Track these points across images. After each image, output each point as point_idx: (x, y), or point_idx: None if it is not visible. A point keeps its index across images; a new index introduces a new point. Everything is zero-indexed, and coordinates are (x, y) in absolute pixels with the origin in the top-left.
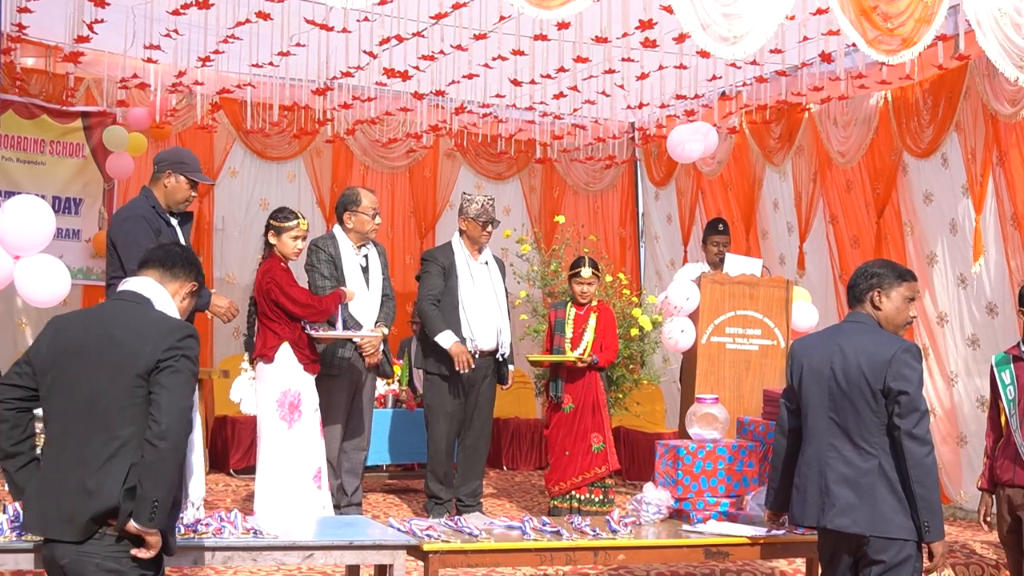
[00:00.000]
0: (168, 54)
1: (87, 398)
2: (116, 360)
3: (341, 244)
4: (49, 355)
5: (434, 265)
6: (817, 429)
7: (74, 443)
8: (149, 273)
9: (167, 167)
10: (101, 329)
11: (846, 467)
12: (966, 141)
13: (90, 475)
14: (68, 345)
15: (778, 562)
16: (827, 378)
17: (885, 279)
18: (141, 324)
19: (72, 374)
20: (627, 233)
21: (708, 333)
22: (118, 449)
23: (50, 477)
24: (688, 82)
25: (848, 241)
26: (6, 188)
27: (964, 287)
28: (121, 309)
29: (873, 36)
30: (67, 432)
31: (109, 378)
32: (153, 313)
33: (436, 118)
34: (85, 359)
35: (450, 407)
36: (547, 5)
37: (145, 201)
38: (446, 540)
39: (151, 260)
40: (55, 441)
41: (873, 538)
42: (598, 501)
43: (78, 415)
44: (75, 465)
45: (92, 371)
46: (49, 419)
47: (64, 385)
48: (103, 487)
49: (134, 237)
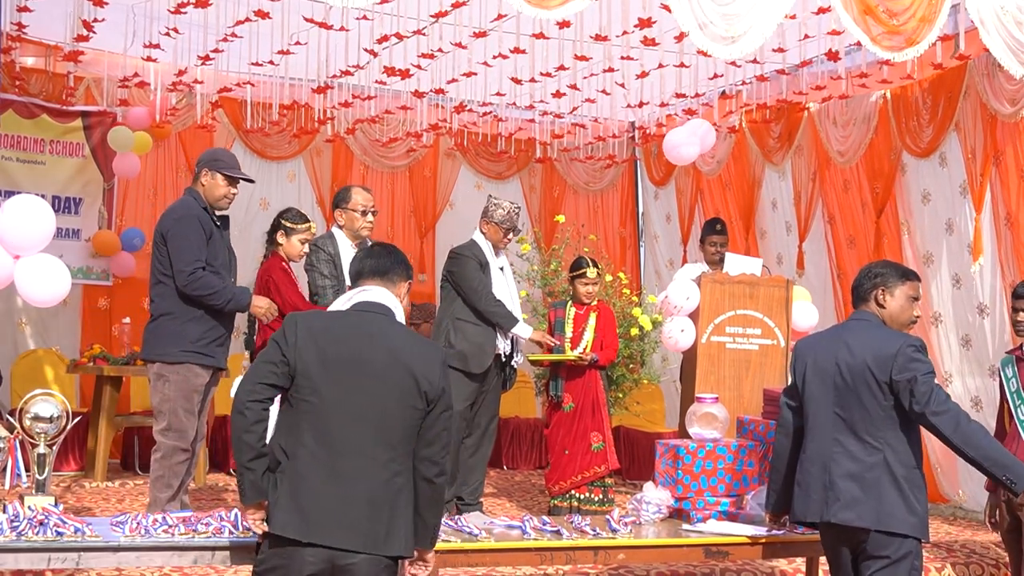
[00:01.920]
0: (168, 53)
1: (374, 413)
2: (403, 383)
3: (340, 243)
4: (317, 359)
5: (472, 261)
6: (821, 425)
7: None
8: (371, 282)
9: (203, 166)
10: (378, 343)
11: (851, 462)
12: (966, 141)
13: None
14: (341, 353)
15: (778, 562)
16: (832, 374)
17: (889, 278)
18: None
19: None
20: (627, 232)
21: (708, 333)
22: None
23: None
24: (688, 81)
25: (846, 241)
26: (6, 188)
27: (958, 287)
28: (387, 325)
29: (877, 33)
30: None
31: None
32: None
33: (436, 117)
34: (365, 371)
35: (460, 406)
36: (546, 5)
37: (195, 202)
38: (446, 540)
39: (366, 272)
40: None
41: (875, 533)
42: (598, 500)
43: (362, 426)
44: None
45: (377, 386)
46: (318, 423)
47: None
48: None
49: (186, 236)
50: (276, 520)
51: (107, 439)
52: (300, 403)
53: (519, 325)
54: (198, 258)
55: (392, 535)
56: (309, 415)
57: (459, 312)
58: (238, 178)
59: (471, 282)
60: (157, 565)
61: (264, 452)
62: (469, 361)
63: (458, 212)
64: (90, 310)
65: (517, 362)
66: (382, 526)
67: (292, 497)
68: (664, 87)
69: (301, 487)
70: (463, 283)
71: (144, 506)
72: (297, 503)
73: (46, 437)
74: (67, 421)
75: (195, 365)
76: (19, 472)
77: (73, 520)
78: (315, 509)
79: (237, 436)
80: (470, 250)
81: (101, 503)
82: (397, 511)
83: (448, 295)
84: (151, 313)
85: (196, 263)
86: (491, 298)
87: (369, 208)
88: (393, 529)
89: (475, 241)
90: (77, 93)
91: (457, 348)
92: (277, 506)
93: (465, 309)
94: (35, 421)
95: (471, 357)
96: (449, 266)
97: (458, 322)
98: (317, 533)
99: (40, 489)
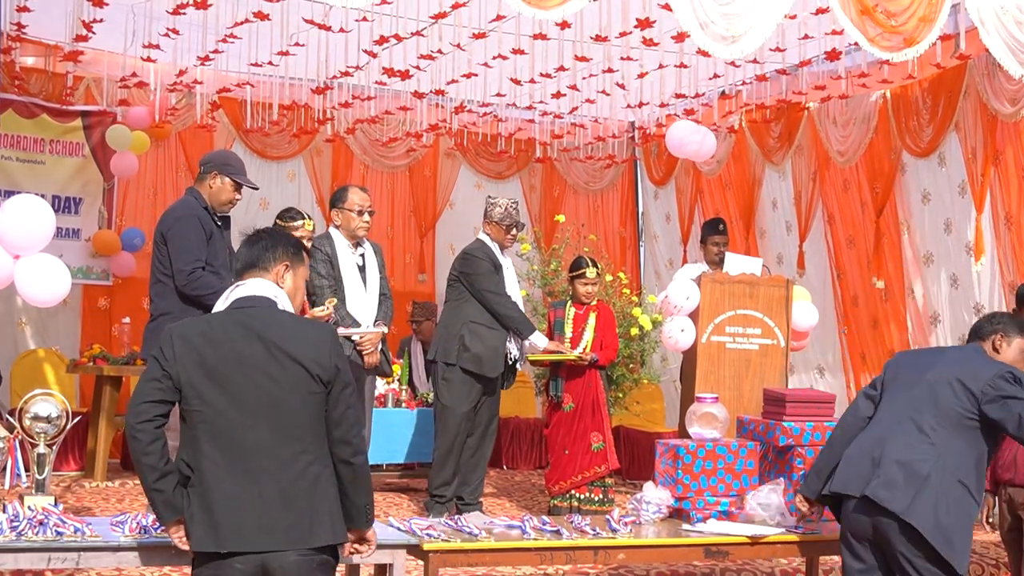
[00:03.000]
0: (167, 53)
1: (269, 408)
2: (292, 371)
3: (337, 243)
4: (197, 367)
5: (486, 263)
6: (891, 413)
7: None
8: (247, 275)
9: (213, 168)
10: (259, 337)
11: (906, 449)
12: (966, 140)
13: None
14: (222, 355)
15: (778, 562)
16: (923, 370)
17: (1010, 328)
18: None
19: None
20: (627, 232)
21: (708, 332)
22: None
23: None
24: (688, 81)
25: (845, 241)
26: (6, 187)
27: (956, 287)
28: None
29: (875, 34)
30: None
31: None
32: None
33: (436, 117)
34: (250, 369)
35: (467, 408)
36: (544, 5)
37: (196, 202)
38: (446, 539)
39: (240, 266)
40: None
41: (902, 523)
42: (598, 500)
43: (259, 424)
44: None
45: (266, 381)
46: (214, 431)
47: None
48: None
49: (186, 236)
50: (194, 537)
51: (107, 439)
52: (192, 414)
53: (536, 334)
54: (198, 258)
55: (316, 526)
56: (203, 424)
57: (473, 315)
58: (246, 185)
59: (488, 285)
60: (157, 565)
61: (169, 470)
62: (484, 365)
63: (458, 212)
64: (90, 310)
65: (519, 365)
66: (303, 520)
67: (204, 511)
68: (664, 87)
69: (211, 499)
70: (479, 285)
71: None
72: (210, 516)
73: (46, 437)
74: (67, 421)
75: None
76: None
77: (73, 520)
78: (229, 518)
79: (136, 460)
80: (482, 251)
81: (101, 503)
82: (316, 501)
83: (459, 296)
84: (151, 313)
85: (195, 263)
86: (510, 303)
87: (365, 208)
88: (315, 520)
89: (484, 242)
90: (77, 93)
91: (473, 351)
92: (192, 522)
93: (479, 312)
94: (35, 421)
95: (486, 361)
96: (461, 267)
97: (473, 325)
98: (236, 541)
99: (40, 489)
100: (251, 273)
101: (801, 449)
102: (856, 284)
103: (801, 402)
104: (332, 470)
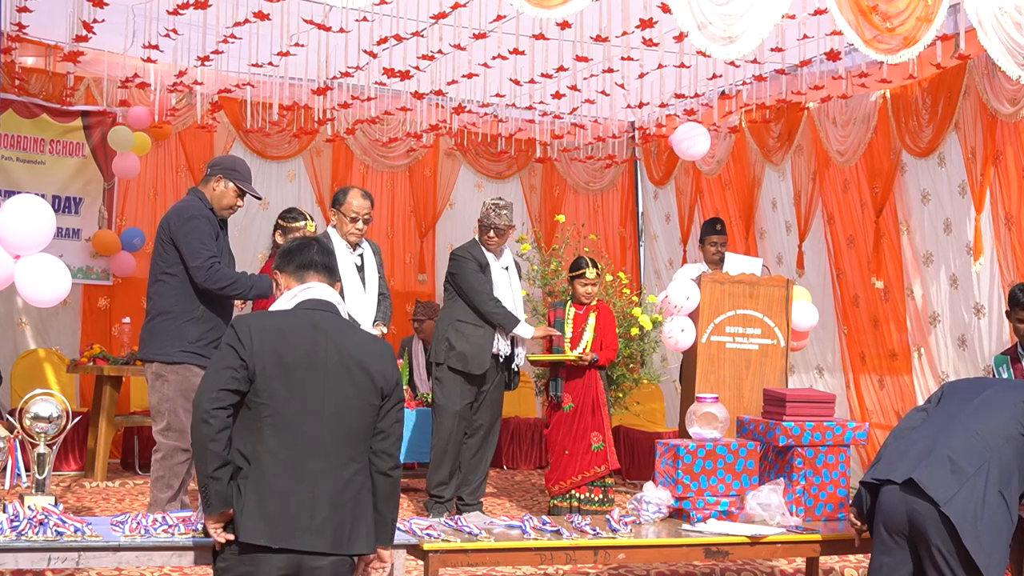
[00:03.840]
0: (168, 54)
1: (333, 412)
2: (359, 380)
3: (336, 243)
4: (273, 361)
5: (471, 262)
6: (948, 413)
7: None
8: (315, 278)
9: (219, 172)
10: (331, 341)
11: (959, 445)
12: (965, 140)
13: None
14: (297, 353)
15: (778, 562)
16: (982, 387)
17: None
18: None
19: (310, 384)
20: (627, 232)
21: (708, 332)
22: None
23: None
24: (688, 81)
25: (845, 241)
26: (6, 187)
27: (956, 287)
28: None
29: (871, 36)
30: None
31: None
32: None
33: (436, 117)
34: (321, 371)
35: (459, 407)
36: (547, 4)
37: (200, 203)
38: (446, 539)
39: (315, 264)
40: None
41: (941, 514)
42: (598, 500)
43: (322, 426)
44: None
45: (334, 385)
46: (279, 426)
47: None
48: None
49: (200, 235)
50: (245, 528)
51: (107, 439)
52: (260, 407)
53: (520, 325)
54: (213, 254)
55: (355, 534)
56: (270, 418)
57: (460, 314)
58: (250, 194)
59: (470, 283)
60: (157, 565)
61: (228, 460)
62: (469, 362)
63: (458, 212)
64: (90, 310)
65: (518, 364)
66: (346, 526)
67: (259, 503)
68: (664, 87)
69: (267, 492)
70: (463, 284)
71: (144, 506)
72: (264, 509)
73: (46, 437)
74: (67, 421)
75: (194, 366)
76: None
77: (73, 520)
78: (283, 514)
79: (202, 445)
80: (469, 251)
81: (101, 503)
82: (359, 509)
83: (450, 296)
84: (147, 311)
85: (212, 258)
86: (491, 299)
87: (361, 216)
88: (356, 528)
89: (476, 241)
90: (77, 93)
91: (458, 349)
92: (245, 514)
93: (466, 311)
94: (35, 421)
95: (471, 358)
96: (450, 268)
97: (459, 323)
98: (286, 538)
99: (40, 489)
100: (318, 277)
101: (801, 449)
102: (856, 284)
103: (801, 402)
104: (371, 481)
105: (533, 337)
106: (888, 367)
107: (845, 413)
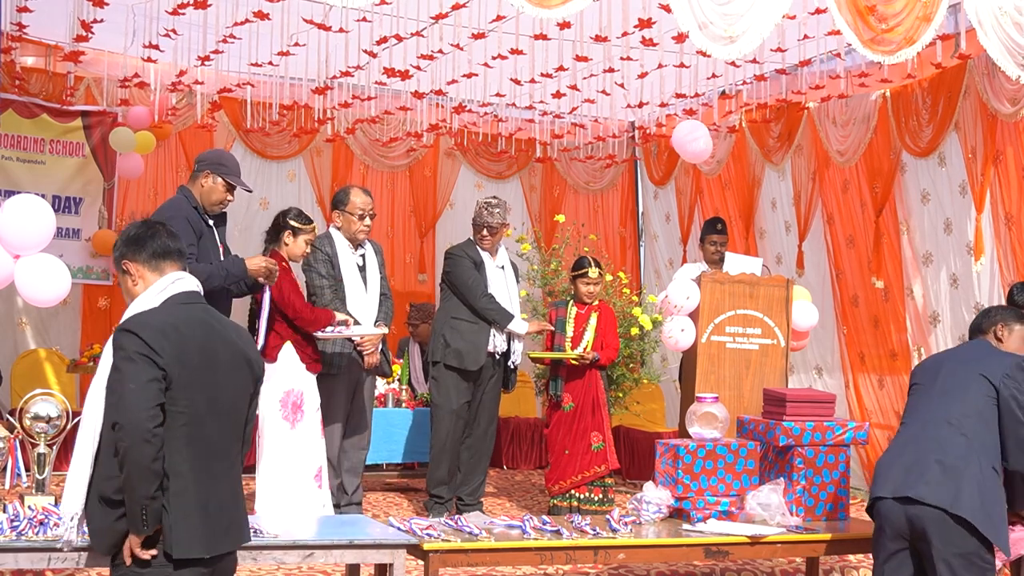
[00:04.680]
0: (168, 53)
1: (229, 409)
2: (245, 373)
3: (337, 243)
4: (178, 362)
5: (466, 260)
6: (918, 414)
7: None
8: (174, 267)
9: (206, 167)
10: (219, 336)
11: (940, 445)
12: (966, 140)
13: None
14: (197, 351)
15: (778, 561)
16: (939, 368)
17: (1008, 318)
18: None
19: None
20: (627, 232)
21: (708, 332)
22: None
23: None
24: (688, 81)
25: (845, 240)
26: (6, 187)
27: (956, 287)
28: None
29: (869, 37)
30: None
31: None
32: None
33: (436, 117)
34: (218, 367)
35: (456, 405)
36: (547, 4)
37: (186, 202)
38: (446, 539)
39: (171, 251)
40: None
41: (947, 516)
42: (598, 500)
43: (225, 424)
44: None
45: (229, 381)
46: (191, 431)
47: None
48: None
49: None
50: (179, 544)
51: None
52: (176, 415)
53: (515, 321)
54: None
55: (246, 525)
56: (185, 427)
57: (454, 311)
58: (239, 187)
59: (464, 280)
60: None
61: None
62: (465, 358)
63: (458, 212)
64: (90, 310)
65: (515, 362)
66: (244, 518)
67: (185, 517)
68: (664, 87)
69: (191, 504)
70: (457, 281)
71: None
72: (191, 521)
73: (46, 437)
74: (67, 421)
75: None
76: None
77: None
78: (206, 522)
79: (145, 467)
80: (463, 250)
81: None
82: (243, 501)
83: (445, 296)
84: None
85: None
86: (485, 295)
87: (367, 212)
88: (246, 519)
89: (471, 241)
90: (77, 93)
91: (453, 346)
92: (175, 529)
93: (460, 308)
94: (35, 421)
95: (466, 355)
96: (445, 267)
97: (454, 320)
98: (215, 545)
99: (40, 489)
100: (176, 265)
101: (801, 449)
102: (856, 284)
103: (801, 402)
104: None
105: (528, 332)
106: (888, 367)
107: (845, 413)
